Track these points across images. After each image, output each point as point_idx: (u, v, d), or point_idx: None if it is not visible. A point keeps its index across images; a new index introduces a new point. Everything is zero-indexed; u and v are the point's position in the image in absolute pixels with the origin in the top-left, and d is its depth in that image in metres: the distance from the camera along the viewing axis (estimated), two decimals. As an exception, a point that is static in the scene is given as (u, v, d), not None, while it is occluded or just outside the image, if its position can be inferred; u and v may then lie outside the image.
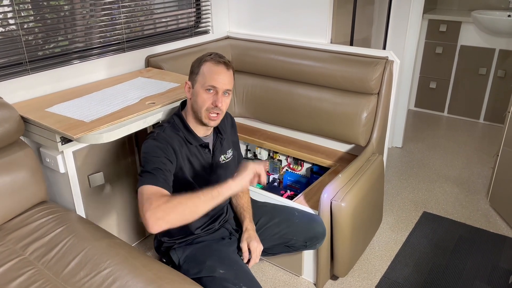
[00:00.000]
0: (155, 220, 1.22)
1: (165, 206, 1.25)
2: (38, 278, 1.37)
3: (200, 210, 1.30)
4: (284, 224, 1.78)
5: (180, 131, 1.55)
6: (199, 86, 1.50)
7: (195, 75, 1.52)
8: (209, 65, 1.50)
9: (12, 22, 1.79)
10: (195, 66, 1.53)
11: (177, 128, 1.55)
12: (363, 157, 2.15)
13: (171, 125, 1.55)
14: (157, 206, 1.24)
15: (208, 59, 1.51)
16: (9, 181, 1.59)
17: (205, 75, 1.49)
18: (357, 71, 2.19)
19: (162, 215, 1.23)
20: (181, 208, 1.27)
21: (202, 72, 1.50)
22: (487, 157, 3.25)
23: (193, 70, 1.54)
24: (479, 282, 2.06)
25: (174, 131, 1.54)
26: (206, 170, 1.60)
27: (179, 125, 1.55)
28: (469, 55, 3.81)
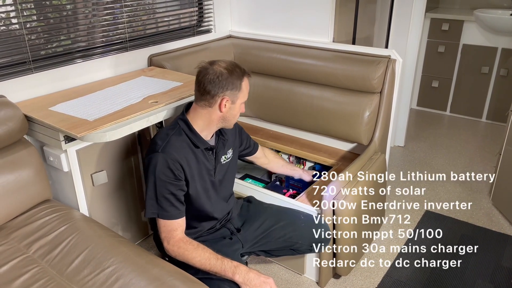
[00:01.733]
0: (169, 253, 1.52)
1: (180, 253, 1.48)
2: (42, 276, 1.38)
3: (206, 268, 1.46)
4: (289, 227, 1.78)
5: (186, 137, 1.53)
6: (239, 102, 1.55)
7: (236, 91, 1.51)
8: (246, 82, 1.55)
9: (15, 22, 1.80)
10: (235, 83, 1.50)
11: (182, 134, 1.53)
12: (365, 156, 2.15)
13: (176, 131, 1.53)
14: (173, 248, 1.49)
15: (245, 76, 1.54)
16: (13, 179, 1.60)
17: (244, 92, 1.55)
18: (359, 69, 2.19)
19: (175, 255, 1.50)
20: (190, 262, 1.48)
21: (243, 89, 1.53)
22: (489, 156, 3.24)
23: (233, 87, 1.50)
24: (481, 281, 2.05)
25: (180, 138, 1.52)
26: (210, 173, 1.61)
27: (185, 130, 1.53)
28: (471, 54, 3.80)
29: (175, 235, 1.50)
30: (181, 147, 1.51)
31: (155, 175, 1.46)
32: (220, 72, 1.47)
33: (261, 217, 1.80)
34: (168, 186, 1.47)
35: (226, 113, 1.53)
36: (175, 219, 1.50)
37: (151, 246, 2.24)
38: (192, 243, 1.49)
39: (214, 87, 1.47)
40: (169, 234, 1.50)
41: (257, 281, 1.44)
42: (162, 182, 1.47)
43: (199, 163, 1.55)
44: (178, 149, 1.49)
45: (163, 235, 1.51)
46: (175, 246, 1.48)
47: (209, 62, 1.52)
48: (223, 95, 1.49)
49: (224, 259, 1.46)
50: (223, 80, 1.47)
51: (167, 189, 1.47)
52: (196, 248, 1.47)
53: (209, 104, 1.50)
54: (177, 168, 1.47)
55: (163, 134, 1.53)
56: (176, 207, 1.50)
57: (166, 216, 1.49)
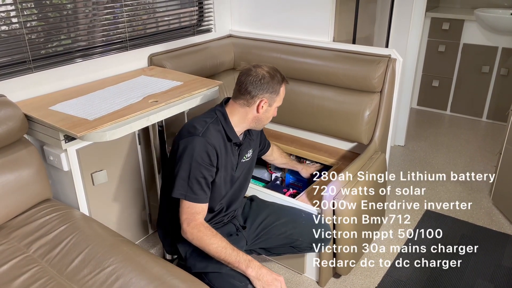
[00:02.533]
0: (187, 235, 1.50)
1: (199, 236, 1.48)
2: (42, 276, 1.38)
3: (220, 256, 1.46)
4: (290, 224, 1.79)
5: (222, 127, 1.58)
6: (275, 105, 1.62)
7: (274, 95, 1.58)
8: (283, 88, 1.62)
9: (15, 21, 1.79)
10: (275, 87, 1.57)
11: (219, 124, 1.58)
12: (365, 155, 2.15)
13: (214, 120, 1.58)
14: (193, 230, 1.49)
15: (284, 82, 1.61)
16: (13, 179, 1.60)
17: (281, 96, 1.63)
18: (359, 69, 2.19)
19: (193, 238, 1.49)
20: (206, 247, 1.47)
21: (280, 94, 1.61)
22: (490, 155, 3.24)
23: (272, 90, 1.57)
24: (481, 280, 2.05)
25: (217, 127, 1.57)
26: (233, 167, 1.65)
27: (222, 121, 1.59)
28: (472, 53, 3.79)
29: (197, 218, 1.51)
30: (217, 136, 1.56)
31: (192, 157, 1.49)
32: (263, 75, 1.55)
33: (262, 214, 1.82)
34: (202, 169, 1.50)
35: (262, 115, 1.60)
36: (201, 203, 1.52)
37: (152, 245, 2.24)
38: (212, 229, 1.50)
39: (255, 88, 1.54)
40: (191, 216, 1.50)
41: (269, 277, 1.45)
42: (198, 165, 1.50)
43: (227, 155, 1.60)
44: (215, 136, 1.55)
45: (185, 216, 1.51)
46: (195, 228, 1.49)
47: (253, 65, 1.59)
48: (262, 97, 1.56)
49: (240, 251, 1.48)
50: (265, 83, 1.55)
51: (201, 172, 1.50)
52: (215, 235, 1.48)
53: (248, 103, 1.57)
54: (213, 155, 1.52)
55: (200, 121, 1.57)
56: (204, 192, 1.53)
57: (194, 198, 1.51)
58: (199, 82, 2.02)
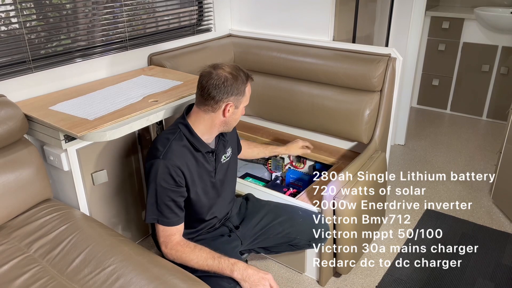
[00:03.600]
0: (167, 256, 1.52)
1: (178, 256, 1.49)
2: (43, 275, 1.38)
3: (204, 269, 1.47)
4: (288, 223, 1.78)
5: (187, 141, 1.52)
6: (242, 106, 1.55)
7: (240, 97, 1.51)
8: (249, 86, 1.55)
9: (15, 21, 1.79)
10: (239, 88, 1.49)
11: (183, 138, 1.51)
12: (365, 155, 2.15)
13: (177, 136, 1.51)
14: (171, 251, 1.50)
15: (248, 80, 1.54)
16: (13, 179, 1.60)
17: (247, 96, 1.55)
18: (359, 68, 2.19)
19: (173, 258, 1.51)
20: (188, 264, 1.48)
21: (246, 94, 1.54)
22: (490, 154, 3.24)
23: (238, 92, 1.49)
24: (482, 279, 2.06)
25: (181, 143, 1.50)
26: (210, 174, 1.61)
27: (186, 134, 1.52)
28: (472, 52, 3.79)
29: (173, 240, 1.51)
30: (182, 152, 1.50)
31: (156, 181, 1.46)
32: (225, 77, 1.45)
33: (259, 214, 1.81)
34: (169, 193, 1.47)
35: (229, 118, 1.52)
36: (174, 225, 1.52)
37: (152, 245, 2.24)
38: (189, 245, 1.50)
39: (219, 92, 1.45)
40: (167, 239, 1.51)
41: (256, 277, 1.44)
42: (163, 189, 1.47)
43: (199, 166, 1.55)
44: (179, 154, 1.48)
45: (161, 240, 1.52)
46: (172, 249, 1.50)
47: (212, 66, 1.49)
48: (227, 101, 1.48)
49: (221, 258, 1.46)
50: (228, 86, 1.46)
51: (168, 196, 1.47)
52: (193, 250, 1.48)
53: (213, 109, 1.49)
54: (178, 175, 1.47)
55: (163, 139, 1.51)
56: (175, 214, 1.50)
57: (166, 222, 1.50)
58: (199, 82, 2.02)
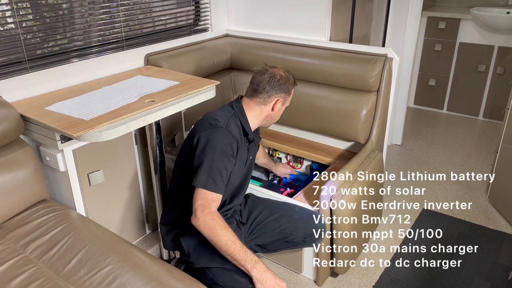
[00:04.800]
0: (199, 221, 1.43)
1: (213, 224, 1.42)
2: (39, 277, 1.38)
3: (229, 251, 1.42)
4: (284, 219, 1.79)
5: (239, 122, 1.63)
6: (286, 105, 1.75)
7: (288, 96, 1.71)
8: (293, 90, 1.74)
9: (11, 21, 1.79)
10: (289, 88, 1.69)
11: (237, 119, 1.63)
12: (362, 155, 2.16)
13: (233, 115, 1.62)
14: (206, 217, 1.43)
15: (295, 84, 1.74)
16: (9, 179, 1.59)
17: (291, 97, 1.75)
18: (356, 68, 2.19)
19: (205, 225, 1.43)
20: (216, 238, 1.42)
21: (291, 95, 1.74)
22: (486, 154, 3.25)
23: (287, 90, 1.69)
24: (478, 278, 2.06)
25: (235, 121, 1.62)
26: (244, 163, 1.69)
27: (239, 115, 1.63)
28: (468, 52, 3.80)
29: (212, 206, 1.47)
30: (236, 129, 1.60)
31: (216, 147, 1.51)
32: (280, 76, 1.65)
33: (256, 211, 1.84)
34: (225, 160, 1.52)
35: (275, 113, 1.70)
36: (218, 193, 1.50)
37: (149, 245, 2.24)
38: (224, 221, 1.46)
39: (273, 88, 1.64)
40: (206, 203, 1.46)
41: (272, 282, 1.43)
42: (222, 156, 1.51)
43: (241, 150, 1.63)
44: (235, 130, 1.59)
45: (199, 202, 1.46)
46: (209, 215, 1.43)
47: (269, 66, 1.68)
48: (278, 96, 1.66)
49: (248, 250, 1.45)
50: (282, 84, 1.65)
51: (223, 163, 1.51)
52: (227, 228, 1.44)
53: (265, 102, 1.65)
54: (235, 146, 1.56)
55: (220, 114, 1.61)
56: (223, 182, 1.52)
57: (213, 187, 1.48)
58: (196, 82, 2.02)
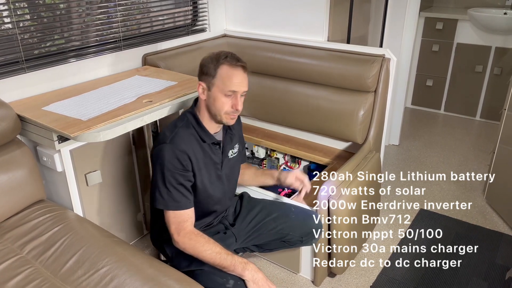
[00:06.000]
0: (179, 245, 1.49)
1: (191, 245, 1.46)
2: (36, 277, 1.37)
3: (215, 262, 1.45)
4: (280, 219, 1.79)
5: (194, 130, 1.55)
6: (217, 90, 1.48)
7: (211, 78, 1.47)
8: (226, 69, 1.46)
9: (8, 21, 1.78)
10: (210, 68, 1.46)
11: (190, 127, 1.55)
12: (360, 155, 2.16)
13: (184, 123, 1.54)
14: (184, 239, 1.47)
15: (225, 62, 1.46)
16: (6, 180, 1.59)
17: (224, 80, 1.46)
18: (354, 68, 2.20)
19: (186, 247, 1.48)
20: (200, 255, 1.46)
21: (220, 76, 1.46)
22: (483, 154, 3.26)
23: (207, 71, 1.47)
24: (476, 278, 2.07)
25: (188, 130, 1.53)
26: (217, 166, 1.63)
27: (193, 123, 1.55)
28: (465, 52, 3.81)
29: (186, 226, 1.49)
30: (188, 139, 1.53)
31: (163, 166, 1.47)
32: (204, 57, 1.51)
33: (253, 211, 1.82)
34: (177, 176, 1.48)
35: (207, 102, 1.52)
36: (185, 209, 1.50)
37: (146, 246, 2.23)
38: (203, 236, 1.49)
39: (198, 72, 1.53)
40: (179, 226, 1.48)
41: (264, 282, 1.45)
42: (171, 173, 1.47)
43: (205, 156, 1.57)
44: (186, 141, 1.51)
45: (174, 227, 1.49)
46: (186, 237, 1.47)
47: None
48: (199, 80, 1.52)
49: (234, 255, 1.47)
50: (202, 65, 1.51)
51: (176, 180, 1.48)
52: (208, 241, 1.47)
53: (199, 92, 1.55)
54: (185, 159, 1.49)
55: (171, 126, 1.55)
56: (186, 197, 1.50)
57: (176, 206, 1.49)
58: (193, 82, 2.01)
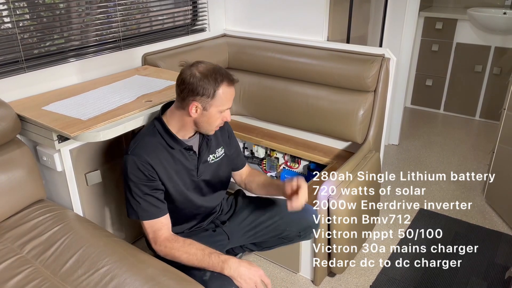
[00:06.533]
0: (158, 253, 1.50)
1: (167, 252, 1.46)
2: (36, 277, 1.37)
3: (195, 264, 1.43)
4: (277, 216, 1.78)
5: (161, 137, 1.50)
6: (215, 110, 1.45)
7: (209, 99, 1.41)
8: (225, 89, 1.43)
9: (8, 21, 1.78)
10: (208, 89, 1.40)
11: (157, 135, 1.50)
12: (359, 155, 2.16)
13: (150, 131, 1.51)
14: (160, 248, 1.48)
15: (222, 83, 1.43)
16: (6, 179, 1.59)
17: (223, 100, 1.44)
18: (353, 68, 2.20)
19: (164, 255, 1.48)
20: (178, 259, 1.45)
21: (219, 96, 1.43)
22: (483, 154, 3.26)
23: (203, 92, 1.40)
24: (475, 278, 2.07)
25: (154, 139, 1.49)
26: (191, 173, 1.58)
27: (160, 130, 1.50)
28: (465, 52, 3.82)
29: (161, 235, 1.49)
30: (154, 147, 1.48)
31: (128, 177, 1.46)
32: (193, 75, 1.40)
33: (248, 209, 1.80)
34: (141, 187, 1.46)
35: (198, 119, 1.46)
36: (157, 218, 1.49)
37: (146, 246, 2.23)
38: (178, 240, 1.47)
39: (184, 89, 1.41)
40: (155, 235, 1.49)
41: (247, 272, 1.40)
42: (135, 184, 1.46)
43: (176, 163, 1.53)
44: (150, 150, 1.47)
45: (150, 236, 1.50)
46: (161, 246, 1.47)
47: (193, 62, 1.46)
48: (192, 99, 1.41)
49: (212, 254, 1.42)
50: (193, 84, 1.40)
51: (141, 190, 1.46)
52: (183, 245, 1.45)
53: (182, 106, 1.45)
54: (148, 169, 1.45)
55: (137, 136, 1.52)
56: (155, 206, 1.48)
57: (147, 216, 1.48)
58: (193, 82, 2.01)
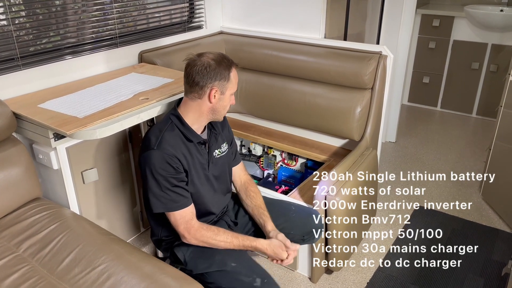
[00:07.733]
0: (192, 242, 1.53)
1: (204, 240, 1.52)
2: (33, 275, 1.37)
3: (229, 248, 1.54)
4: (281, 219, 1.78)
5: (179, 131, 1.54)
6: (229, 92, 1.55)
7: (225, 82, 1.52)
8: (234, 72, 1.56)
9: (3, 18, 1.77)
10: (223, 73, 1.51)
11: (175, 129, 1.54)
12: (357, 152, 2.16)
13: (169, 127, 1.54)
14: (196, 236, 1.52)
15: (233, 66, 1.55)
16: (2, 178, 1.58)
17: (233, 82, 1.55)
18: (351, 66, 2.20)
19: (199, 243, 1.53)
20: (217, 245, 1.53)
21: (231, 79, 1.54)
22: (479, 151, 3.27)
23: (221, 76, 1.51)
24: (472, 275, 2.08)
25: (173, 133, 1.53)
26: (204, 166, 1.61)
27: (178, 124, 1.54)
28: (462, 49, 3.82)
29: (193, 224, 1.52)
30: (175, 141, 1.52)
31: (156, 172, 1.47)
32: (208, 63, 1.49)
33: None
34: (170, 180, 1.48)
35: (216, 104, 1.54)
36: (187, 207, 1.51)
37: (143, 243, 2.23)
38: (211, 228, 1.53)
39: (203, 78, 1.49)
40: (188, 225, 1.50)
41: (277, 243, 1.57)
42: (164, 178, 1.47)
43: (193, 157, 1.56)
44: (172, 144, 1.51)
45: (182, 227, 1.50)
46: (197, 234, 1.51)
47: (197, 54, 1.54)
48: (212, 86, 1.50)
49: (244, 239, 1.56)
50: (211, 71, 1.49)
51: (170, 183, 1.48)
52: (218, 232, 1.53)
53: (199, 95, 1.52)
54: (175, 162, 1.49)
55: (156, 131, 1.53)
56: (184, 196, 1.51)
57: (177, 206, 1.49)
58: (190, 79, 2.01)
